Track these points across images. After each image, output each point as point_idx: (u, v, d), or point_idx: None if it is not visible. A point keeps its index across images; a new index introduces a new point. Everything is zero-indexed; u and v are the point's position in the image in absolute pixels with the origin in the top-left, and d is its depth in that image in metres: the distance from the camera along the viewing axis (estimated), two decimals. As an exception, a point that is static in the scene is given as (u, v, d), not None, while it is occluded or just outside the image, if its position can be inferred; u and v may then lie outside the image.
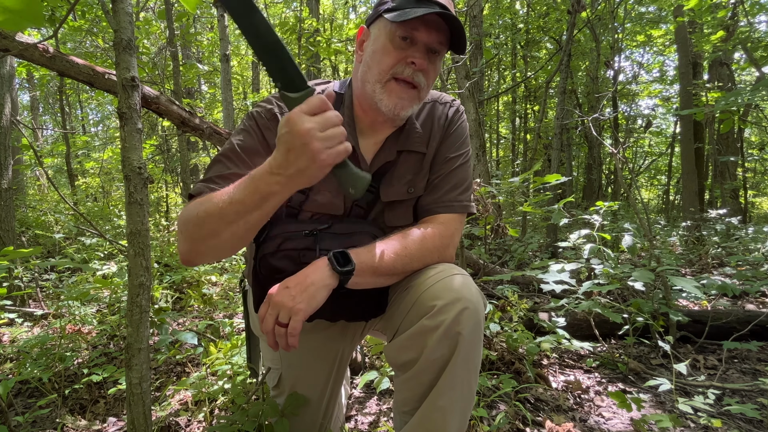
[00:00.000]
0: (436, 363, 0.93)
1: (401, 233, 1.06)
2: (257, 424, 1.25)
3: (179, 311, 2.95)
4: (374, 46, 1.06)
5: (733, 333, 2.23)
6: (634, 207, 2.85)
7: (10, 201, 3.09)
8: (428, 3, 0.99)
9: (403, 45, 1.02)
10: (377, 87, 1.05)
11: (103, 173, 8.43)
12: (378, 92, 1.05)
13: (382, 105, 1.05)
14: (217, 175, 1.01)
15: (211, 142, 2.85)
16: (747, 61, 5.87)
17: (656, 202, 14.56)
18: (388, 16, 1.01)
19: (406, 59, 1.02)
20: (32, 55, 2.05)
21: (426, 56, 1.04)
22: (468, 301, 0.93)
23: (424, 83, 1.06)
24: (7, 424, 1.52)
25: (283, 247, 1.05)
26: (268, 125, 1.06)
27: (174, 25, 5.22)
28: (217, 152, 1.09)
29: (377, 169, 1.13)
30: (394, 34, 1.02)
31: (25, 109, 13.56)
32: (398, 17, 0.98)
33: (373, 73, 1.05)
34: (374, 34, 1.07)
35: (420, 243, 1.05)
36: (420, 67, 1.03)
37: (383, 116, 1.08)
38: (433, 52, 1.04)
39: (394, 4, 1.02)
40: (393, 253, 1.01)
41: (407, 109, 1.07)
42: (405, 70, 1.03)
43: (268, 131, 1.06)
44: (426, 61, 1.03)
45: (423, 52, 1.03)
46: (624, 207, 7.32)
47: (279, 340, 0.95)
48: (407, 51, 1.02)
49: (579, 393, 1.83)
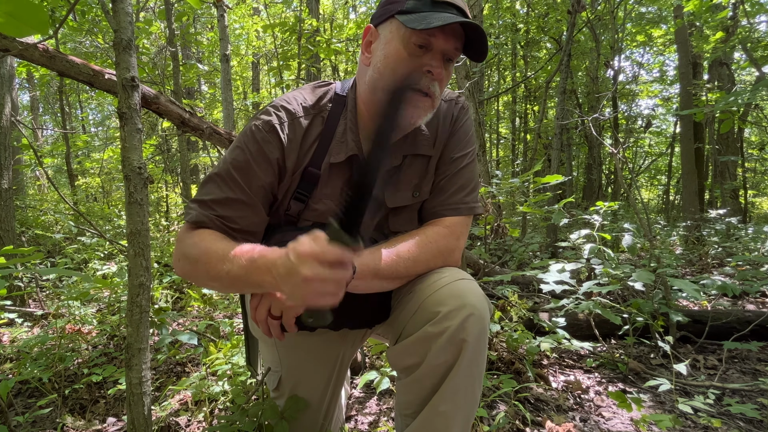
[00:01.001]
0: (439, 368, 0.92)
1: (406, 236, 1.04)
2: (257, 424, 1.25)
3: (179, 311, 2.95)
4: (386, 50, 0.99)
5: (733, 333, 2.23)
6: (634, 207, 2.86)
7: (10, 201, 3.09)
8: (445, 5, 0.95)
9: (419, 52, 0.96)
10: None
11: (103, 173, 8.43)
12: None
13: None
14: (213, 199, 0.99)
15: (211, 142, 2.85)
16: (747, 61, 5.87)
17: (656, 202, 14.55)
18: (402, 19, 0.95)
19: (422, 68, 0.97)
20: (32, 55, 2.05)
21: (442, 64, 0.99)
22: (473, 308, 0.91)
23: (438, 92, 1.01)
24: (7, 424, 1.52)
25: None
26: (267, 138, 1.01)
27: (174, 25, 5.22)
28: (213, 169, 1.05)
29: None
30: (408, 41, 0.95)
31: (25, 109, 13.56)
32: (416, 23, 0.91)
33: (386, 81, 0.99)
34: (385, 36, 1.00)
35: (425, 247, 1.03)
36: (437, 77, 0.98)
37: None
38: (449, 59, 1.00)
39: (408, 6, 0.96)
40: (396, 257, 0.99)
41: (422, 119, 1.02)
42: (422, 80, 0.97)
43: (268, 144, 1.01)
44: (442, 70, 0.99)
45: (440, 60, 0.98)
46: (624, 207, 7.32)
47: (272, 329, 0.95)
48: (422, 59, 0.96)
49: (579, 393, 1.83)
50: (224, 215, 0.99)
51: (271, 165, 1.02)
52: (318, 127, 1.06)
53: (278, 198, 1.07)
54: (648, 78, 12.02)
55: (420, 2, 0.95)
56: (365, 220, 0.78)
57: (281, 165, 1.03)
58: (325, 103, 1.08)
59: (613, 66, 6.36)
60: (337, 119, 1.07)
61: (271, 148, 1.01)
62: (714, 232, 5.67)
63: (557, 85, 5.88)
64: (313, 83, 1.15)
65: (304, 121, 1.05)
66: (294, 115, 1.04)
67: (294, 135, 1.03)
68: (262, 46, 9.39)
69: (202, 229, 0.98)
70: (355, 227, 0.78)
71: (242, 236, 1.00)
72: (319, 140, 1.05)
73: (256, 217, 1.02)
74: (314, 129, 1.06)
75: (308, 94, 1.09)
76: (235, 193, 0.99)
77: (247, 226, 1.01)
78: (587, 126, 7.11)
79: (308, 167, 1.05)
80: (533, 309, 2.57)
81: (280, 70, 4.99)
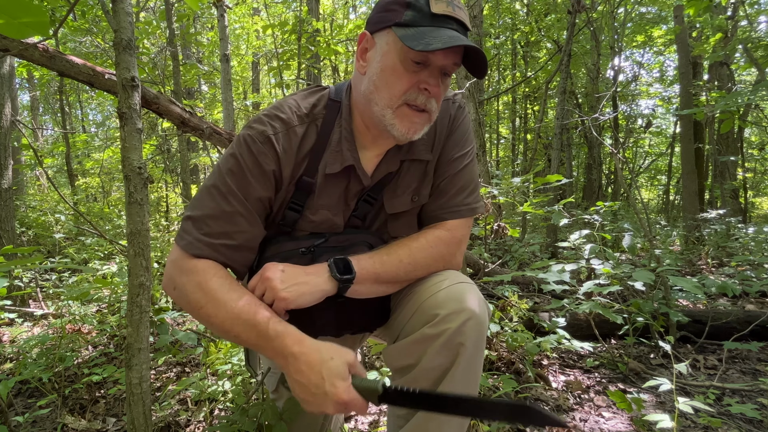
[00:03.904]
0: (433, 372, 0.91)
1: (406, 240, 1.03)
2: (257, 424, 1.25)
3: (179, 311, 2.95)
4: (382, 62, 0.95)
5: (733, 333, 2.22)
6: (634, 207, 2.86)
7: (10, 201, 3.09)
8: (445, 19, 0.91)
9: (416, 68, 0.93)
10: (388, 112, 0.96)
11: (103, 173, 8.43)
12: (389, 117, 0.96)
13: (394, 130, 0.97)
14: (209, 215, 0.95)
15: (211, 142, 2.85)
16: (747, 61, 5.87)
17: (656, 202, 14.55)
18: (400, 34, 0.90)
19: (419, 85, 0.94)
20: (32, 55, 2.05)
21: (439, 80, 0.96)
22: (472, 312, 0.90)
23: (435, 108, 0.98)
24: (7, 424, 1.52)
25: None
26: (262, 150, 0.98)
27: (174, 25, 5.22)
28: (207, 179, 1.02)
29: (379, 181, 1.07)
30: (406, 57, 0.92)
31: (25, 109, 13.56)
32: (415, 43, 0.87)
33: (383, 96, 0.96)
34: (381, 47, 0.96)
35: (425, 251, 1.02)
36: (434, 94, 0.95)
37: (394, 139, 1.01)
38: (446, 75, 0.97)
39: (406, 19, 0.91)
40: (397, 261, 0.99)
41: (420, 132, 0.99)
42: (418, 98, 0.95)
43: (264, 156, 0.98)
44: (439, 87, 0.96)
45: (437, 76, 0.95)
46: (624, 207, 7.32)
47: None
48: (420, 75, 0.93)
49: (579, 393, 1.83)
50: (221, 232, 0.95)
51: (267, 177, 0.99)
52: (312, 135, 1.03)
53: (273, 209, 1.04)
54: (648, 78, 12.03)
55: (419, 15, 0.91)
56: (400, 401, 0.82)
57: (278, 177, 1.01)
58: (319, 110, 1.05)
59: (612, 66, 6.36)
60: (331, 126, 1.04)
61: (267, 160, 0.98)
62: (714, 232, 5.67)
63: (557, 85, 5.88)
64: (306, 89, 1.12)
65: (299, 130, 1.02)
66: (288, 124, 1.01)
67: (289, 145, 1.00)
68: (262, 46, 9.40)
69: (199, 260, 0.94)
70: (394, 402, 0.83)
71: (240, 254, 0.98)
72: (314, 149, 1.03)
73: (253, 230, 0.99)
74: (309, 138, 1.03)
75: (302, 101, 1.06)
76: (231, 205, 0.95)
77: (246, 241, 0.98)
78: (587, 126, 7.10)
79: (302, 176, 1.02)
80: (533, 309, 2.57)
81: (280, 70, 4.99)
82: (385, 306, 1.11)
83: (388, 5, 0.95)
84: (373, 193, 1.07)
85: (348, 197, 1.06)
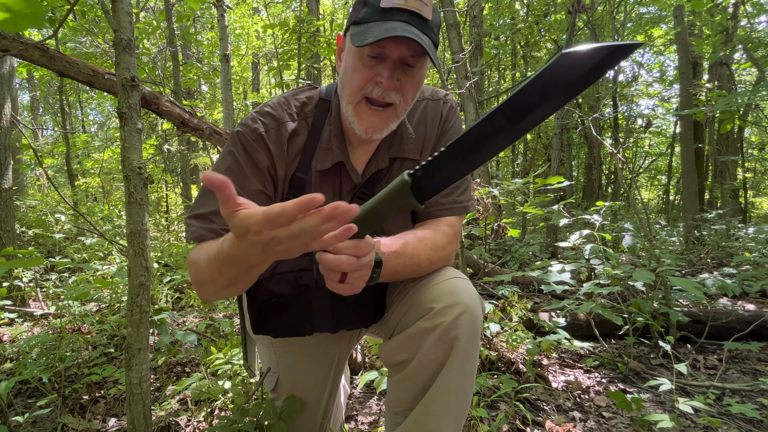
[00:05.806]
0: (430, 365, 0.92)
1: (409, 236, 1.03)
2: (257, 424, 1.25)
3: (179, 311, 2.95)
4: (346, 61, 0.98)
5: (733, 333, 2.23)
6: (634, 207, 2.85)
7: (10, 201, 3.09)
8: (394, 12, 0.90)
9: (373, 63, 0.94)
10: (349, 108, 0.99)
11: (103, 173, 8.43)
12: (350, 114, 0.99)
13: (354, 127, 0.99)
14: (211, 211, 0.96)
15: (211, 142, 2.85)
16: (747, 61, 5.88)
17: (656, 202, 14.55)
18: (352, 32, 0.93)
19: (375, 78, 0.95)
20: (32, 55, 2.05)
21: (395, 73, 0.95)
22: (466, 306, 0.92)
23: (399, 100, 0.97)
24: (7, 424, 1.52)
25: (279, 270, 1.00)
26: (255, 147, 1.00)
27: (174, 25, 5.22)
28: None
29: (370, 178, 1.08)
30: (362, 52, 0.94)
31: (25, 109, 13.56)
32: (358, 39, 0.89)
33: (346, 92, 0.99)
34: (347, 46, 0.99)
35: (425, 246, 1.01)
36: (387, 87, 0.94)
37: (358, 138, 1.02)
38: (408, 65, 0.96)
39: (360, 16, 0.93)
40: (415, 250, 0.97)
41: (382, 131, 1.00)
42: (374, 91, 0.95)
43: (257, 153, 1.00)
44: (394, 80, 0.95)
45: (392, 69, 0.94)
46: (624, 207, 7.32)
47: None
48: (377, 68, 0.94)
49: (579, 393, 1.83)
50: (226, 226, 0.93)
51: (262, 173, 1.01)
52: (303, 132, 1.06)
53: None
54: (647, 78, 12.03)
55: (371, 11, 0.92)
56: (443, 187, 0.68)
57: (272, 173, 1.03)
58: (310, 109, 1.08)
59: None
60: (322, 124, 1.07)
61: (261, 157, 1.00)
62: (714, 232, 5.68)
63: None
64: (297, 88, 1.14)
65: (289, 126, 1.04)
66: (279, 120, 1.03)
67: (280, 141, 1.03)
68: (262, 46, 9.39)
69: (203, 243, 0.94)
70: (428, 191, 0.67)
71: None
72: (305, 146, 1.05)
73: None
74: (300, 135, 1.05)
75: (292, 98, 1.08)
76: None
77: None
78: (587, 126, 7.11)
79: (296, 173, 1.04)
80: (533, 309, 2.57)
81: (280, 70, 4.99)
82: (380, 303, 1.12)
83: (354, 5, 0.99)
84: (366, 190, 1.08)
85: (342, 195, 1.08)
